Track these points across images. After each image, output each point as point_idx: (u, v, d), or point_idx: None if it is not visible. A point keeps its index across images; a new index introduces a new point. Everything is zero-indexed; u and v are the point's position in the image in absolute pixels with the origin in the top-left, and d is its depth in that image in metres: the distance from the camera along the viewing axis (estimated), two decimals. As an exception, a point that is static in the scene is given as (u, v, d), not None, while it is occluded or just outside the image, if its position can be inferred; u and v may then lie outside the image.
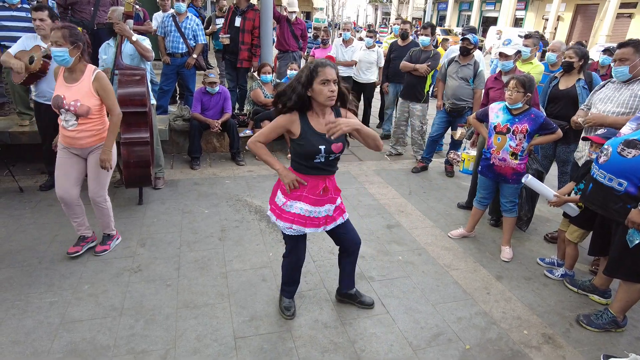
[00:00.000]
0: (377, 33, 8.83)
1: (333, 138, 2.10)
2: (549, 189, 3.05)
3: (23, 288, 2.73)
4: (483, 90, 4.40)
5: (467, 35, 4.78)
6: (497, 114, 3.36)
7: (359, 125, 2.13)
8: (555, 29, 25.91)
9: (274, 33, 7.03)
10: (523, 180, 3.12)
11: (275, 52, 6.92)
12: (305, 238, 2.51)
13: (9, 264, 2.97)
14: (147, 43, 3.87)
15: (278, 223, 2.36)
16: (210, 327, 2.51)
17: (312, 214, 2.31)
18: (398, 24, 6.49)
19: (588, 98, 3.39)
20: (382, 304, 2.80)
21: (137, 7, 4.04)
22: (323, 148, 2.16)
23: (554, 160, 4.02)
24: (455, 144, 5.24)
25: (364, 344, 2.45)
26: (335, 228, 2.46)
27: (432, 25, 5.43)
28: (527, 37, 4.65)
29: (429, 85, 5.43)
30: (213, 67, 8.61)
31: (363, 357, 2.36)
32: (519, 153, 3.24)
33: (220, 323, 2.54)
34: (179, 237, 3.47)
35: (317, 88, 2.09)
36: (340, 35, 6.69)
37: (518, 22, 29.37)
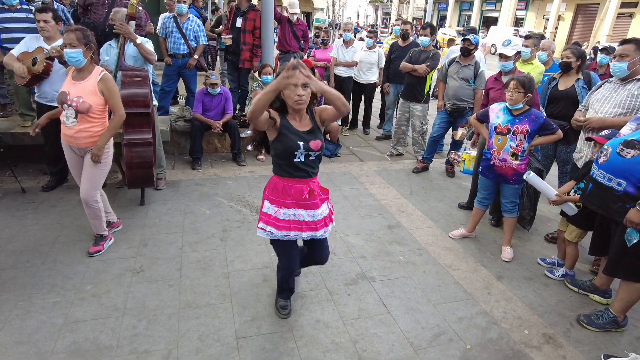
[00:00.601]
0: (377, 33, 8.83)
1: (291, 78, 1.99)
2: (550, 188, 3.05)
3: (26, 288, 2.75)
4: (483, 91, 4.41)
5: (467, 36, 4.79)
6: (497, 115, 3.37)
7: (327, 88, 2.11)
8: (556, 29, 25.89)
9: (275, 34, 7.04)
10: (525, 177, 3.12)
11: (277, 52, 6.93)
12: (297, 246, 2.50)
13: (12, 265, 2.99)
14: (150, 45, 3.88)
15: (271, 231, 2.31)
16: (212, 327, 2.52)
17: (307, 218, 2.31)
18: (398, 25, 6.50)
19: (585, 98, 3.40)
20: (383, 304, 2.81)
21: (139, 8, 4.05)
22: (302, 144, 2.17)
23: (554, 161, 4.03)
24: (456, 145, 5.25)
25: (365, 344, 2.46)
26: (315, 239, 2.44)
27: (431, 26, 5.45)
28: (527, 37, 4.65)
29: (429, 86, 5.44)
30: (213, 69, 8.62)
31: (364, 357, 2.37)
32: (520, 153, 3.25)
33: (222, 323, 2.56)
34: (181, 237, 3.49)
35: (286, 92, 2.10)
36: (341, 36, 6.69)
37: (518, 22, 29.38)
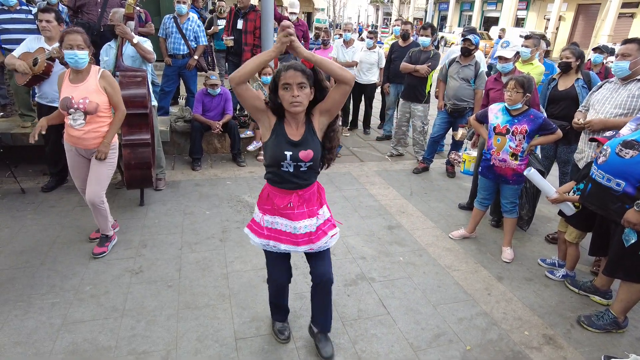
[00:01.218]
0: (377, 33, 8.82)
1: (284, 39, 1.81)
2: (550, 186, 3.04)
3: (25, 289, 2.75)
4: (484, 91, 4.40)
5: (468, 36, 4.79)
6: (496, 115, 3.36)
7: (317, 56, 1.89)
8: (557, 29, 25.85)
9: (276, 34, 7.03)
10: (525, 173, 3.10)
11: None
12: (287, 259, 2.28)
13: (11, 265, 2.98)
14: (148, 45, 3.87)
15: (252, 238, 2.18)
16: (211, 327, 2.51)
17: (288, 229, 2.10)
18: (398, 25, 6.50)
19: (586, 99, 3.40)
20: (383, 305, 2.80)
21: (138, 8, 4.04)
22: (289, 155, 1.96)
23: (555, 161, 4.02)
24: (457, 145, 5.24)
25: (365, 345, 2.45)
26: (313, 252, 2.20)
27: (431, 26, 5.45)
28: (527, 37, 4.65)
29: (430, 86, 5.43)
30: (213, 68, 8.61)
31: (364, 357, 2.36)
32: (519, 154, 3.24)
33: (222, 324, 2.55)
34: (180, 238, 3.48)
35: (280, 94, 1.92)
36: (341, 36, 6.68)
37: (519, 22, 29.33)
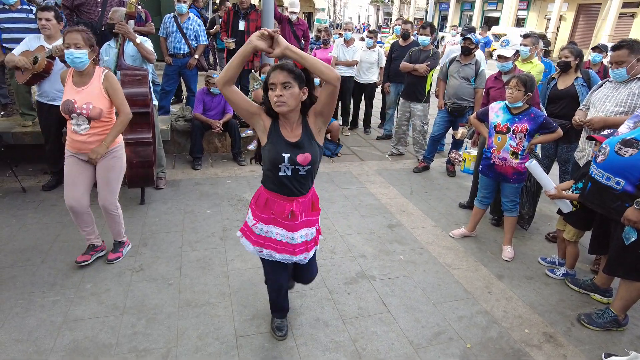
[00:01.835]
0: (378, 33, 8.83)
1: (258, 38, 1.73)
2: (550, 180, 3.05)
3: (26, 287, 2.75)
4: (484, 90, 4.41)
5: (468, 35, 4.80)
6: (497, 114, 3.36)
7: (297, 50, 1.80)
8: (558, 29, 25.82)
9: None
10: (526, 165, 3.11)
11: None
12: (284, 264, 2.23)
13: (12, 263, 2.99)
14: (149, 45, 3.87)
15: (245, 244, 2.19)
16: (212, 325, 2.52)
17: (284, 239, 2.09)
18: (399, 24, 6.50)
19: (586, 98, 3.40)
20: (383, 303, 2.80)
21: (139, 7, 4.05)
22: (287, 157, 1.94)
23: (555, 160, 4.02)
24: (457, 144, 5.25)
25: (365, 343, 2.45)
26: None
27: (431, 25, 5.45)
28: (526, 36, 4.66)
29: (430, 85, 5.44)
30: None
31: (364, 355, 2.36)
32: (520, 152, 3.25)
33: (222, 322, 2.55)
34: (181, 236, 3.49)
35: (269, 94, 1.90)
36: (341, 36, 6.69)
37: (520, 22, 29.31)
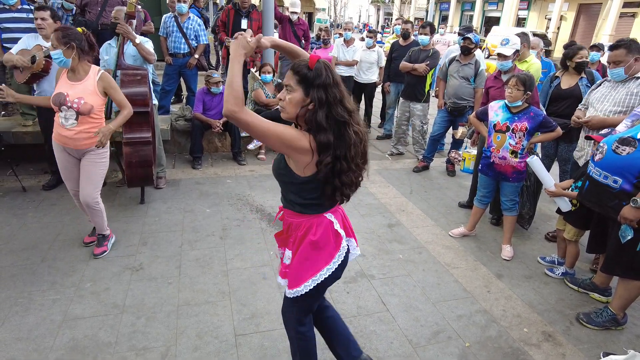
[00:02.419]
0: (378, 33, 8.85)
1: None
2: (550, 177, 3.06)
3: (26, 286, 2.76)
4: (483, 90, 4.41)
5: (468, 35, 4.80)
6: (496, 113, 3.36)
7: (279, 41, 1.78)
8: (558, 29, 25.80)
9: (276, 33, 7.04)
10: (528, 160, 3.11)
11: (277, 52, 6.94)
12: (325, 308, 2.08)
13: (12, 262, 3.00)
14: (149, 45, 3.87)
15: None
16: (211, 324, 2.52)
17: (279, 255, 1.96)
18: (399, 24, 6.51)
19: (585, 97, 3.40)
20: (382, 302, 2.81)
21: (139, 7, 4.05)
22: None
23: (555, 159, 4.02)
24: (457, 143, 5.25)
25: (364, 342, 2.45)
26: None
27: (430, 25, 5.45)
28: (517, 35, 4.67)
29: (429, 85, 5.44)
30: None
31: (363, 354, 2.36)
32: (519, 151, 3.25)
33: (221, 320, 2.56)
34: (181, 236, 3.49)
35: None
36: (341, 36, 6.69)
37: (520, 21, 29.29)
